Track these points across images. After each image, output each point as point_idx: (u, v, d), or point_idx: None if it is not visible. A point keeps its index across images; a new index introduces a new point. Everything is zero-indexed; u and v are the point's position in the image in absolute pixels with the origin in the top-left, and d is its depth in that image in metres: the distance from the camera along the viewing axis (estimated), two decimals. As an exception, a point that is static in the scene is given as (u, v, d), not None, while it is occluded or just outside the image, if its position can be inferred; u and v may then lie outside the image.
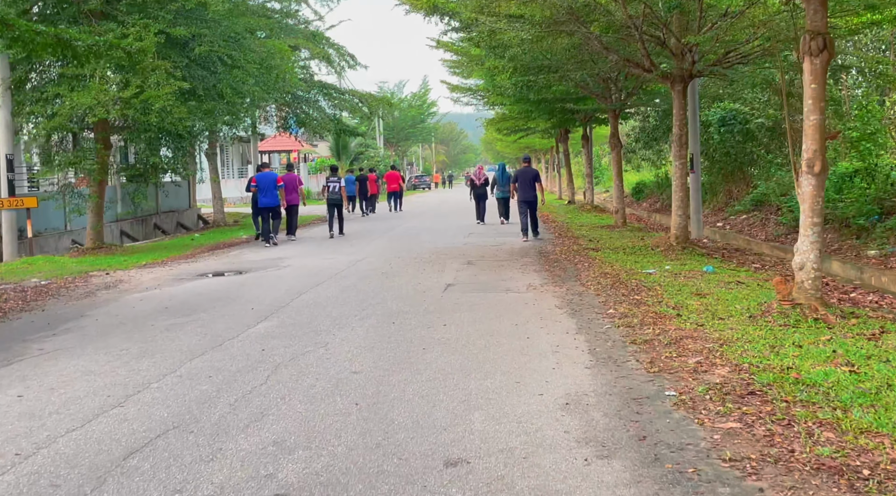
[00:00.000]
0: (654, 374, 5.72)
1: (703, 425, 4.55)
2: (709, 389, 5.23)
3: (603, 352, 6.47)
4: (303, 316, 8.59)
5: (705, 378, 5.55)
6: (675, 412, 4.83)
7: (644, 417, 4.74)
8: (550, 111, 26.86)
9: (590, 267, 12.24)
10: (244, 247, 18.04)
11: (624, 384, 5.49)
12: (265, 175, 18.14)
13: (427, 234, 19.56)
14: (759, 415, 4.65)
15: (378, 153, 56.55)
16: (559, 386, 5.50)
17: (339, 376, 5.92)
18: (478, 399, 5.23)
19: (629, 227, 20.49)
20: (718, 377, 5.55)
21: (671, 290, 9.55)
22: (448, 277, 11.55)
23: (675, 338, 6.81)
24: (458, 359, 6.40)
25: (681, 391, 5.25)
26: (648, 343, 6.72)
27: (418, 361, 6.34)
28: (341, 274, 12.18)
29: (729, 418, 4.64)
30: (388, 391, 5.47)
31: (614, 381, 5.57)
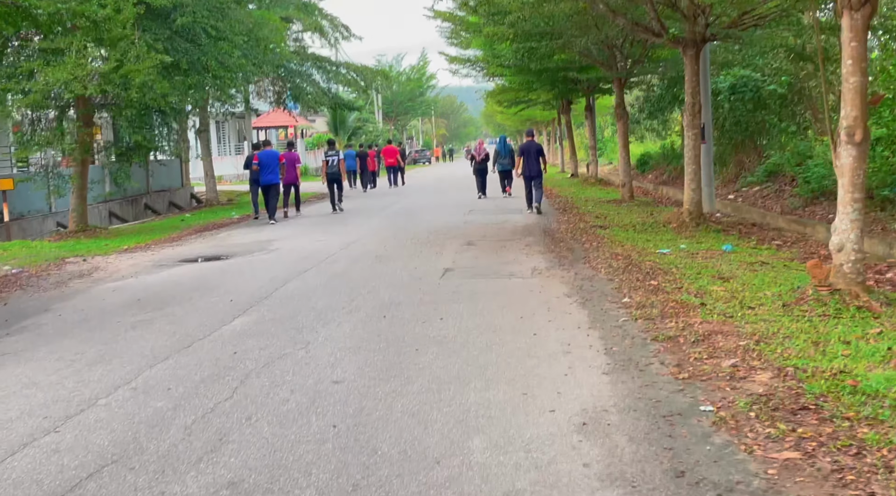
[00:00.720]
0: (684, 382, 4.90)
1: (752, 454, 3.74)
2: (752, 403, 4.41)
3: (621, 353, 5.65)
4: (285, 309, 7.77)
5: (745, 386, 4.73)
6: (716, 434, 4.01)
7: (679, 443, 3.92)
8: (552, 81, 25.87)
9: (598, 247, 11.40)
10: (234, 228, 17.21)
11: (650, 395, 4.68)
12: (267, 152, 17.90)
13: (426, 212, 18.71)
14: (819, 440, 3.83)
15: (377, 127, 55.48)
16: (574, 398, 4.68)
17: (317, 387, 5.11)
18: (478, 418, 4.41)
19: (636, 200, 19.62)
20: (760, 385, 4.73)
21: (690, 274, 8.71)
22: (446, 260, 10.72)
23: (702, 334, 5.98)
24: (456, 362, 5.58)
25: (718, 405, 4.43)
26: (673, 340, 5.90)
27: (410, 366, 5.53)
28: (332, 258, 11.35)
29: (783, 444, 3.82)
30: (373, 407, 4.66)
31: (638, 391, 4.75)
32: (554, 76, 23.87)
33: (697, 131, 13.32)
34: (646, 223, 13.89)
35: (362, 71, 26.82)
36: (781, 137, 21.07)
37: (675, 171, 26.81)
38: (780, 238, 12.67)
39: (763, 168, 19.42)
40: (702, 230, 12.81)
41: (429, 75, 70.51)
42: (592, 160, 29.44)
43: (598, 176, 29.23)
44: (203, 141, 25.77)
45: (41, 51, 15.40)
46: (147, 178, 25.22)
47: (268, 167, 17.57)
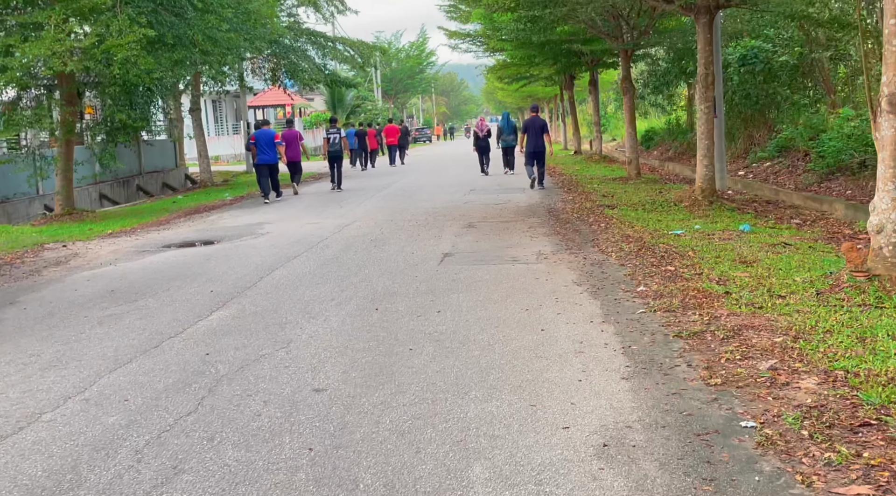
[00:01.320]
0: (717, 389, 4.24)
1: (811, 487, 3.08)
2: (801, 417, 3.75)
3: (641, 352, 4.99)
4: (269, 301, 7.11)
5: (789, 395, 4.07)
6: (763, 460, 3.35)
7: (720, 472, 3.26)
8: (555, 55, 25.04)
9: (607, 228, 10.72)
10: (226, 209, 16.54)
11: (679, 406, 4.02)
12: (264, 132, 17.69)
13: (425, 192, 18.02)
14: (892, 468, 3.17)
15: (376, 106, 54.56)
16: (590, 411, 4.03)
17: (295, 397, 4.45)
18: (479, 437, 3.76)
19: (644, 178, 18.91)
20: (808, 393, 4.07)
21: (709, 257, 8.04)
22: (445, 244, 10.05)
23: (731, 329, 5.31)
24: (454, 365, 4.93)
25: (761, 419, 3.77)
26: (699, 337, 5.23)
27: (402, 370, 4.87)
28: (324, 242, 10.68)
29: (848, 474, 3.17)
30: (357, 423, 4.01)
31: (665, 402, 4.10)
32: (556, 49, 23.06)
33: (710, 104, 12.59)
34: (655, 202, 13.20)
35: (359, 46, 25.97)
36: (793, 111, 20.34)
37: (681, 146, 26.09)
38: (798, 216, 11.99)
39: (774, 143, 18.71)
40: (715, 209, 12.12)
41: (428, 52, 69.38)
42: (596, 137, 28.66)
43: (602, 152, 28.44)
44: (196, 120, 25.01)
45: (19, 25, 14.65)
46: (139, 159, 24.50)
47: (264, 147, 17.47)
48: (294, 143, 18.93)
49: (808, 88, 21.49)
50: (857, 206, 11.90)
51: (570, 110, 34.70)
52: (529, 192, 16.76)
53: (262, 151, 17.42)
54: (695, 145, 24.97)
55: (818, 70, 20.73)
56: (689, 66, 24.66)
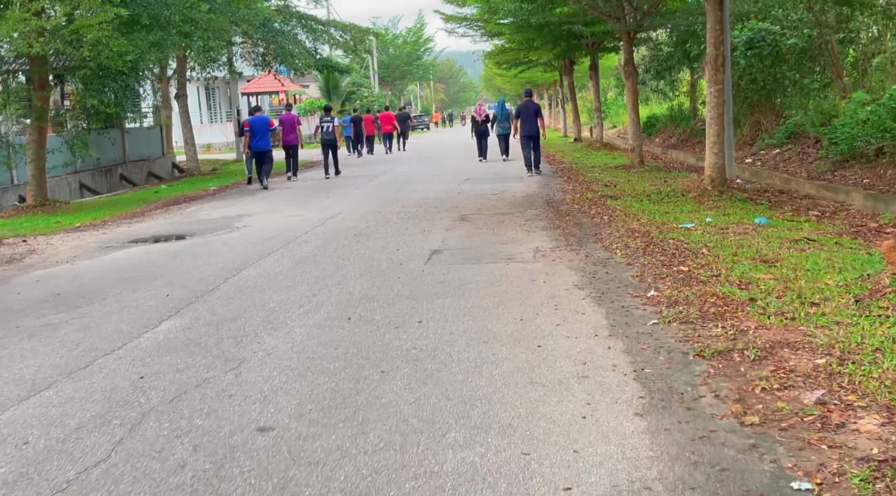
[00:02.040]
0: (755, 431, 3.41)
1: None
2: (871, 476, 2.91)
3: (657, 378, 4.16)
4: (229, 307, 6.27)
5: (848, 441, 3.24)
6: (830, 544, 2.52)
7: (775, 565, 2.43)
8: (554, 38, 24.12)
9: (611, 221, 9.87)
10: (208, 200, 15.67)
11: (709, 457, 3.18)
12: (258, 119, 17.54)
13: (417, 181, 17.15)
14: None
15: (372, 92, 53.55)
16: (598, 464, 3.19)
17: (233, 440, 3.62)
18: (456, 504, 2.93)
19: (647, 166, 18.05)
20: (870, 439, 3.24)
21: (725, 256, 7.19)
22: (434, 240, 9.20)
23: (763, 347, 4.48)
24: (433, 393, 4.09)
25: (819, 479, 2.94)
26: (724, 357, 4.40)
27: (369, 401, 4.04)
28: (304, 237, 9.83)
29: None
30: (303, 481, 3.17)
31: (691, 449, 3.26)
32: (556, 31, 22.12)
33: (721, 87, 11.71)
34: (661, 192, 12.34)
35: (351, 29, 25.02)
36: (802, 96, 19.49)
37: (684, 133, 25.21)
38: (815, 207, 11.15)
39: (783, 129, 17.86)
40: (726, 199, 11.28)
41: (426, 38, 68.30)
42: (597, 123, 27.77)
43: (603, 140, 27.55)
44: (182, 106, 24.09)
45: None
46: (123, 147, 23.59)
47: (258, 133, 17.20)
48: (292, 127, 18.64)
49: (817, 72, 20.63)
50: (876, 196, 11.07)
51: (570, 96, 33.77)
52: (527, 181, 15.92)
53: (255, 138, 17.19)
54: (699, 132, 24.19)
55: (828, 53, 19.86)
56: (694, 49, 23.74)
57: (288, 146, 18.80)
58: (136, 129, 24.83)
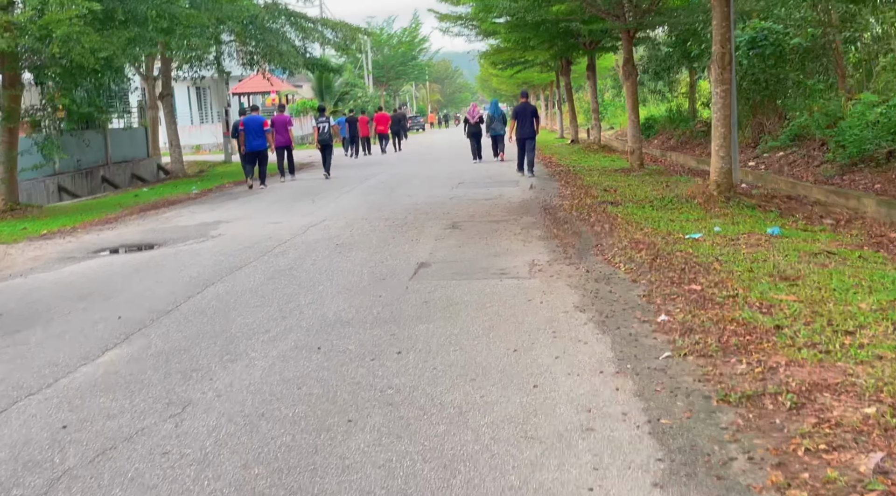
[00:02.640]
0: (806, 513, 2.72)
1: None
2: None
3: (676, 432, 3.46)
4: (185, 333, 5.56)
5: (927, 532, 2.56)
6: None
7: None
8: (551, 37, 23.44)
9: (612, 230, 9.18)
10: (188, 205, 14.95)
11: (752, 553, 2.50)
12: (252, 118, 17.55)
13: (409, 185, 16.46)
14: None
15: (366, 93, 52.81)
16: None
17: (154, 520, 2.92)
18: None
19: (647, 169, 17.37)
20: (956, 530, 2.55)
21: (740, 271, 6.51)
22: (423, 251, 8.50)
23: (798, 390, 3.79)
24: (407, 453, 3.40)
25: None
26: (754, 403, 3.71)
27: (330, 463, 3.34)
28: (281, 247, 9.12)
29: None
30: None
31: (727, 541, 2.57)
32: (552, 30, 21.44)
33: (728, 87, 11.03)
34: (664, 198, 11.66)
35: (342, 27, 24.28)
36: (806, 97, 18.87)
37: (683, 135, 24.58)
38: (828, 215, 10.49)
39: (787, 131, 17.21)
40: (733, 206, 10.60)
41: (421, 38, 67.64)
42: (595, 125, 27.10)
43: (601, 141, 26.88)
44: (167, 106, 23.35)
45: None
46: (105, 148, 22.84)
47: (253, 133, 17.23)
48: (283, 128, 18.61)
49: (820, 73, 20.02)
50: (890, 202, 10.41)
51: (567, 97, 33.11)
52: (523, 185, 15.25)
53: (251, 138, 17.19)
54: (698, 134, 23.55)
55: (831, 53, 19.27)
56: (694, 49, 23.10)
57: (280, 147, 18.73)
58: (119, 129, 24.10)
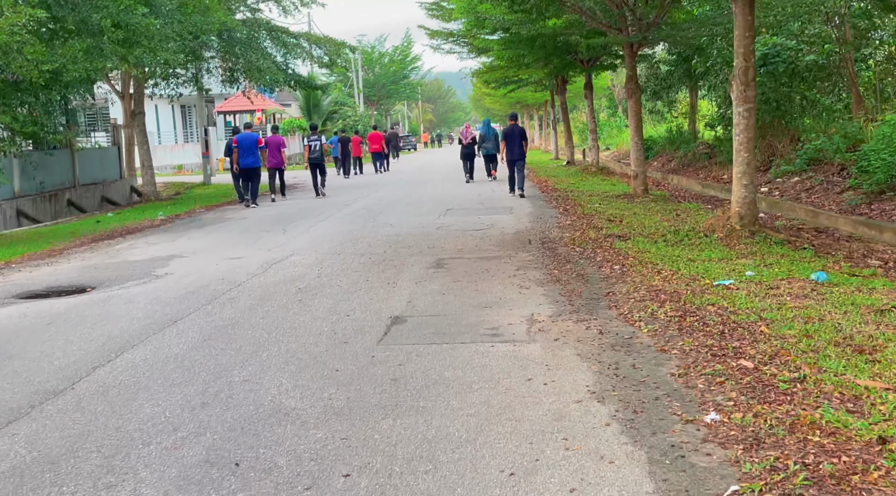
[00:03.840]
0: None
1: None
2: None
3: None
4: (66, 432, 4.10)
5: None
6: None
7: None
8: (546, 55, 22.17)
9: (624, 272, 7.78)
10: (148, 233, 13.51)
11: None
12: (246, 136, 17.65)
13: (393, 211, 15.05)
14: None
15: (356, 112, 51.50)
16: None
17: None
18: None
19: (651, 195, 16.02)
20: None
21: (796, 337, 5.11)
22: (399, 299, 7.08)
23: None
24: None
25: None
26: None
27: None
28: (232, 292, 7.68)
29: None
30: None
31: None
32: (549, 45, 20.15)
33: (752, 106, 9.69)
34: (679, 231, 10.26)
35: (326, 42, 22.96)
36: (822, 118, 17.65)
37: (685, 157, 23.25)
38: (870, 253, 9.10)
39: (802, 154, 15.89)
40: (759, 242, 9.22)
41: (413, 57, 66.51)
42: (592, 146, 25.80)
43: (599, 163, 25.58)
44: (139, 125, 21.94)
45: None
46: (73, 169, 21.41)
47: (247, 150, 17.33)
48: (277, 149, 18.68)
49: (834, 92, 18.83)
50: (938, 236, 9.08)
51: (563, 117, 31.83)
52: (517, 212, 13.87)
53: (244, 155, 17.28)
54: (701, 156, 22.23)
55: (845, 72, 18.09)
56: (699, 66, 21.85)
57: (273, 168, 18.81)
58: (89, 149, 22.68)
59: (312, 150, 19.79)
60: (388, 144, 33.30)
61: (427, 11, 30.96)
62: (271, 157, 18.57)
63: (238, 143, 17.36)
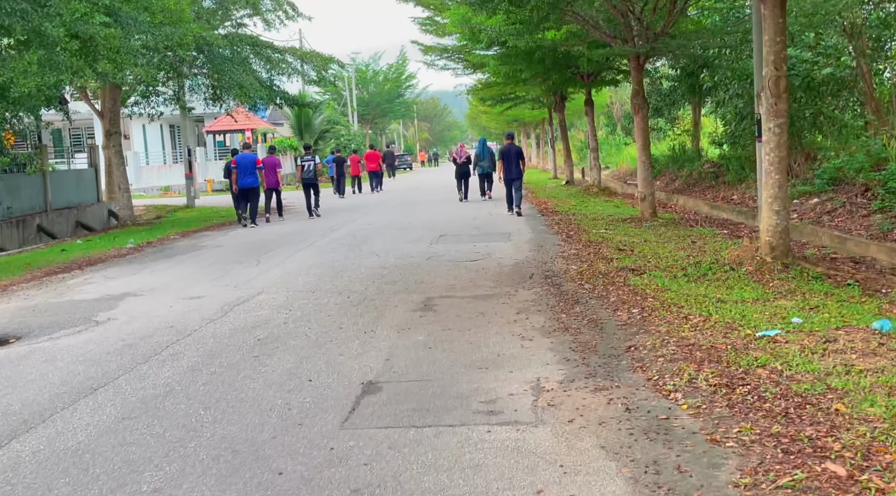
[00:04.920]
0: None
1: None
2: None
3: None
4: None
5: None
6: None
7: None
8: (545, 69, 21.00)
9: (645, 318, 6.54)
10: (109, 265, 12.26)
11: None
12: (244, 156, 17.97)
13: (380, 238, 13.81)
14: None
15: (350, 130, 50.32)
16: None
17: None
18: None
19: (660, 219, 14.81)
20: None
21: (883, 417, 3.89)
22: (376, 356, 5.82)
23: None
24: None
25: None
26: None
27: None
28: (178, 346, 6.42)
29: None
30: None
31: None
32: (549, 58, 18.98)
33: (784, 121, 8.50)
34: (699, 262, 9.01)
35: (313, 57, 21.79)
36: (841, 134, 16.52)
37: (690, 177, 22.05)
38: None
39: (822, 173, 14.72)
40: (795, 276, 7.99)
41: (408, 75, 65.45)
42: (594, 165, 24.64)
43: (601, 183, 24.41)
44: (115, 145, 20.73)
45: None
46: (45, 193, 20.16)
47: (245, 171, 17.53)
48: (273, 170, 18.71)
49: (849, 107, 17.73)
50: None
51: (562, 135, 30.71)
52: (515, 238, 12.64)
53: (242, 176, 17.44)
54: (706, 175, 21.01)
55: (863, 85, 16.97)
56: (706, 81, 20.73)
57: (269, 189, 18.84)
58: (63, 171, 21.51)
59: (306, 170, 19.93)
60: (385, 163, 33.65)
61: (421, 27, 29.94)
62: (267, 176, 18.63)
63: (237, 163, 17.62)
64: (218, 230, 17.41)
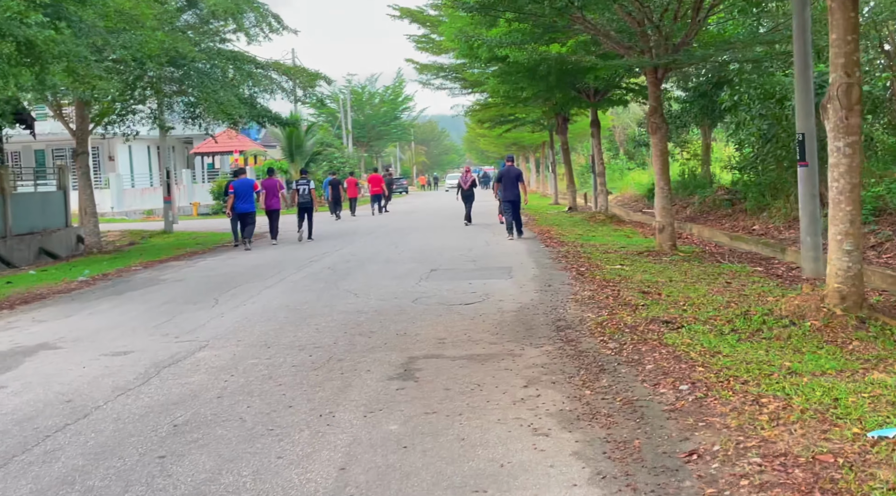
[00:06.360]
0: None
1: None
2: None
3: None
4: None
5: None
6: None
7: None
8: (548, 86, 19.42)
9: (700, 402, 4.82)
10: (46, 304, 10.54)
11: None
12: (242, 181, 18.14)
13: (363, 272, 12.10)
14: None
15: (344, 153, 48.72)
16: None
17: None
18: None
19: (681, 251, 13.13)
20: None
21: None
22: (329, 460, 4.09)
23: None
24: None
25: None
26: None
27: None
28: (63, 434, 4.69)
29: None
30: None
31: None
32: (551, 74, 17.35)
33: (857, 140, 6.81)
34: (747, 313, 7.28)
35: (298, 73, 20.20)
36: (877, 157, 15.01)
37: (703, 204, 20.40)
38: None
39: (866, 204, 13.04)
40: (878, 334, 6.29)
41: (405, 97, 64.07)
42: (601, 191, 23.00)
43: (608, 210, 22.75)
44: (82, 166, 19.06)
45: None
46: (4, 218, 18.43)
47: (242, 196, 17.61)
48: (273, 192, 18.52)
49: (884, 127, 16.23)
50: None
51: (564, 158, 29.11)
52: (517, 277, 10.91)
53: (239, 200, 17.50)
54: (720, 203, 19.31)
55: (894, 104, 15.48)
56: (725, 100, 19.14)
57: (269, 210, 18.57)
58: (26, 194, 19.79)
59: (301, 194, 19.70)
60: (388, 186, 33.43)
61: (416, 44, 28.53)
62: (269, 199, 18.42)
63: (234, 189, 17.70)
64: (188, 259, 15.71)
